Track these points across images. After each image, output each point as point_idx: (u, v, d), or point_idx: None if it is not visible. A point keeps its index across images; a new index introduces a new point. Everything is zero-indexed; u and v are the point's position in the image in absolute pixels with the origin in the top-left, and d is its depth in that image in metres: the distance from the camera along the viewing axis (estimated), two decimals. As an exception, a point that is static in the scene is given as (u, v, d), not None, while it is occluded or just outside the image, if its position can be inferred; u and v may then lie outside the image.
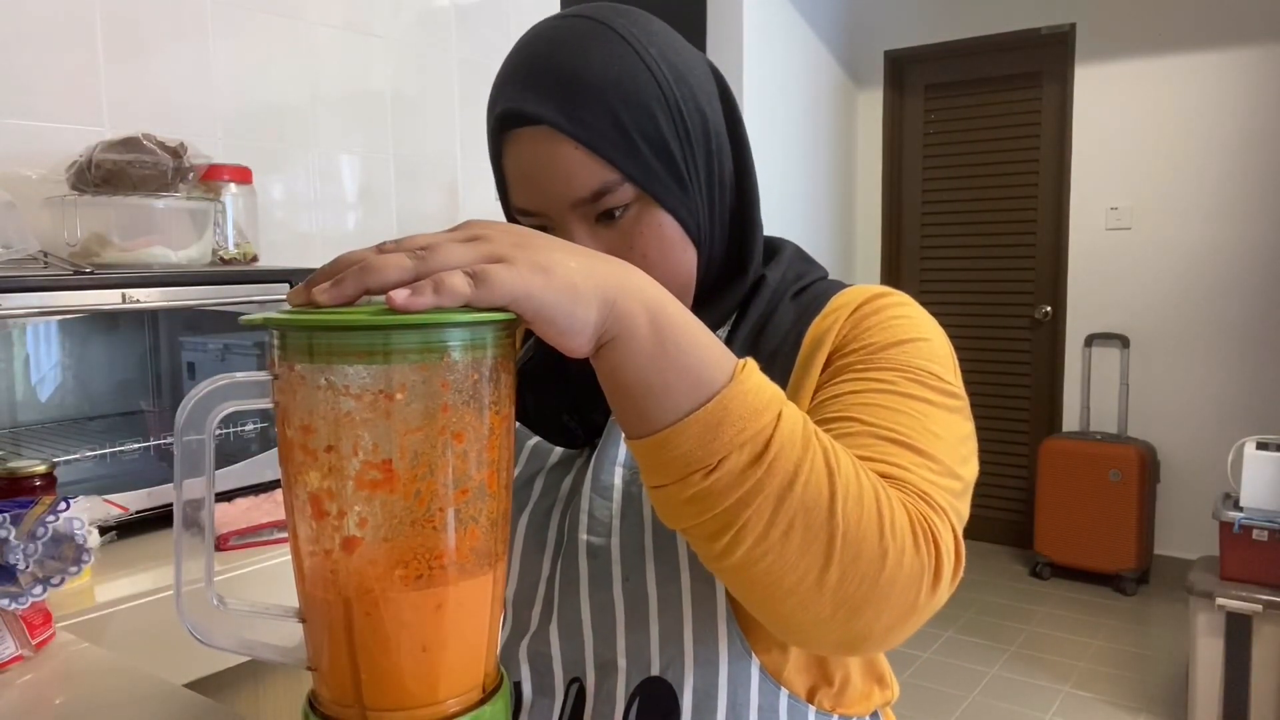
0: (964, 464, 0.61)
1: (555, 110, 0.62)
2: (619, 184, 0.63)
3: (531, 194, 0.65)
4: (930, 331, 0.68)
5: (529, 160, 0.64)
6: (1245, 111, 3.52)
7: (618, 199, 0.64)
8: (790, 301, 0.72)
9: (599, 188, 0.63)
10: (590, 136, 0.62)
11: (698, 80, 0.67)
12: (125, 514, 1.23)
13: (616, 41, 0.64)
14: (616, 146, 0.63)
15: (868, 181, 4.37)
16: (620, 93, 0.62)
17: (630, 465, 0.69)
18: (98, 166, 1.34)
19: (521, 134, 0.64)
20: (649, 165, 0.64)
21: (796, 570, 0.49)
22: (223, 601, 0.48)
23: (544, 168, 0.63)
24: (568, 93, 0.62)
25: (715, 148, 0.68)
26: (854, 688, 0.71)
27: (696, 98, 0.66)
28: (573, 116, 0.62)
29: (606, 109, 0.62)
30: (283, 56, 1.83)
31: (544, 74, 0.63)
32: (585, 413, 0.72)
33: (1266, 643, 2.39)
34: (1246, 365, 3.59)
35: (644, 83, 0.63)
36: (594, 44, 0.64)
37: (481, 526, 0.46)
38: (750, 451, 0.48)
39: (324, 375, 0.43)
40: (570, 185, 0.63)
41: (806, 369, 0.67)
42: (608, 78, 0.62)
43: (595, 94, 0.62)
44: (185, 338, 1.51)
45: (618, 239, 0.65)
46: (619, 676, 0.68)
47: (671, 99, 0.64)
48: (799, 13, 3.78)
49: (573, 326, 0.46)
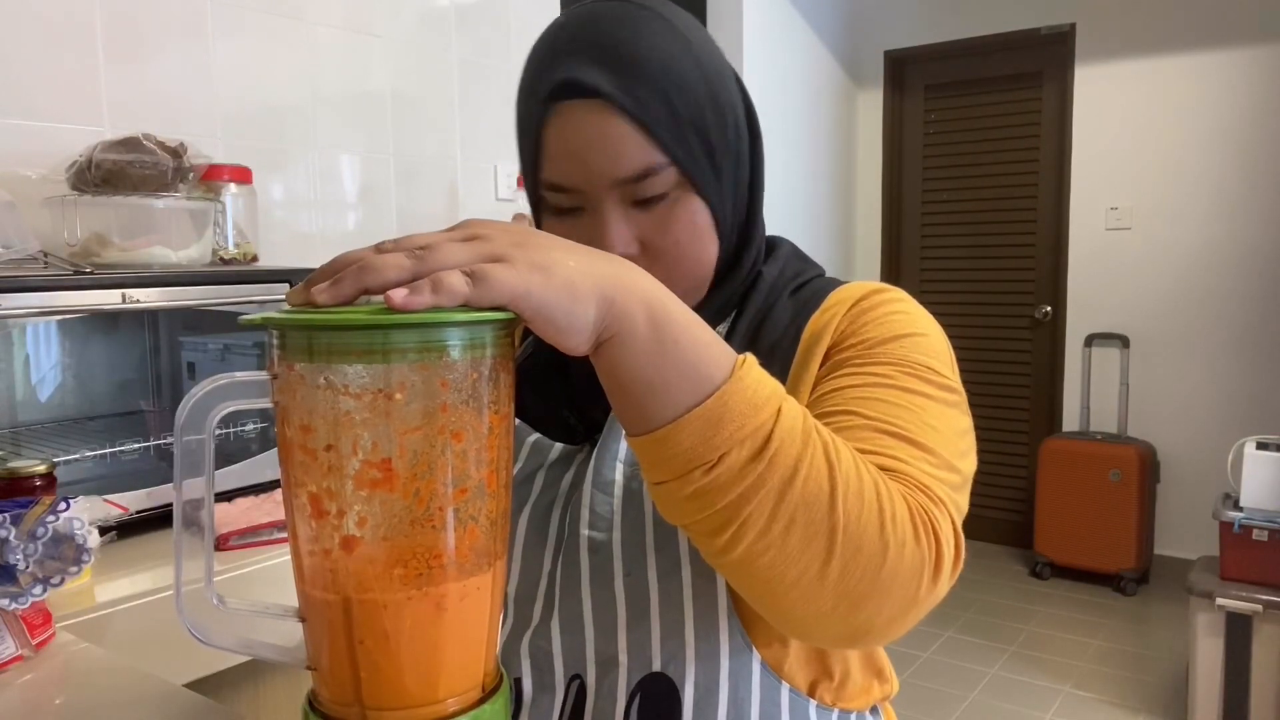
0: (962, 457, 0.61)
1: (613, 85, 0.62)
2: (664, 167, 0.64)
3: (573, 169, 0.64)
4: (927, 327, 0.68)
5: (577, 133, 0.63)
6: (1245, 111, 3.52)
7: (660, 183, 0.64)
8: (788, 298, 0.72)
9: (645, 169, 0.63)
10: (645, 115, 0.62)
11: (731, 78, 0.68)
12: (125, 514, 1.23)
13: (669, 28, 0.65)
14: (668, 129, 0.63)
15: (868, 181, 4.37)
16: (674, 77, 0.63)
17: (631, 461, 0.70)
18: (98, 166, 1.34)
19: (573, 106, 0.63)
20: (694, 152, 0.64)
21: (798, 564, 0.49)
22: (222, 601, 0.48)
23: (593, 142, 0.63)
24: (626, 70, 0.62)
25: (741, 147, 0.69)
26: (854, 682, 0.71)
27: (731, 95, 0.67)
28: (630, 93, 0.62)
29: (661, 91, 0.63)
30: (283, 56, 1.83)
31: (603, 49, 0.63)
32: (585, 409, 0.72)
33: (1266, 643, 2.39)
34: (1246, 365, 3.59)
35: (692, 72, 0.64)
36: (648, 27, 0.64)
37: (481, 526, 0.46)
38: (751, 447, 0.48)
39: (323, 375, 0.43)
40: (617, 163, 0.63)
41: (805, 364, 0.67)
42: (663, 61, 0.63)
43: (651, 75, 0.62)
44: (185, 338, 1.51)
45: (652, 224, 0.66)
46: (620, 672, 0.68)
47: (713, 92, 0.65)
48: (799, 12, 3.78)
49: (571, 325, 0.46)
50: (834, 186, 4.19)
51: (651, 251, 0.66)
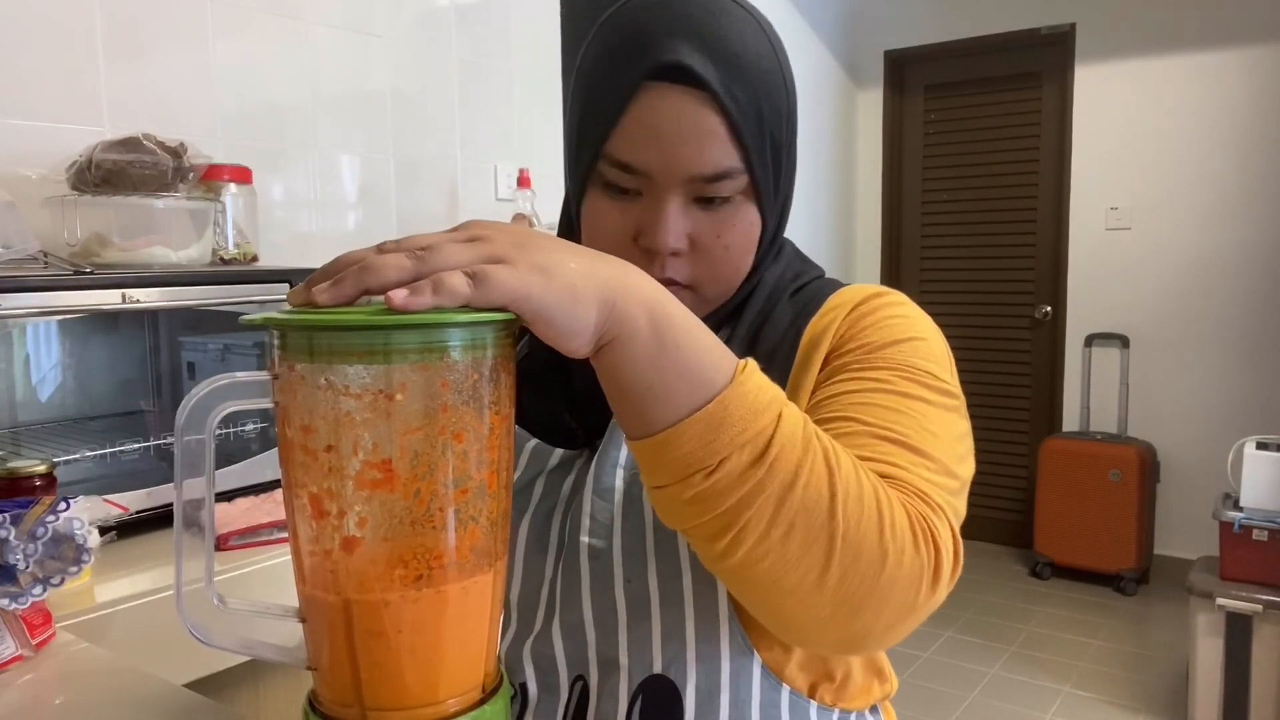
0: (960, 462, 0.61)
1: (718, 80, 0.61)
2: (739, 172, 0.64)
3: (653, 152, 0.63)
4: (927, 331, 0.68)
5: (670, 118, 0.62)
6: (1245, 111, 3.52)
7: (730, 187, 0.64)
8: (788, 300, 0.72)
9: (724, 170, 0.63)
10: (740, 117, 0.62)
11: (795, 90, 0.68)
12: (125, 514, 1.23)
13: (763, 34, 0.65)
14: (754, 136, 0.63)
15: (868, 181, 4.37)
16: (767, 85, 0.63)
17: (631, 467, 0.69)
18: (98, 166, 1.34)
19: (672, 89, 0.62)
20: (767, 163, 0.65)
21: (797, 570, 0.49)
22: (223, 601, 0.48)
23: (683, 131, 0.62)
24: (731, 67, 0.62)
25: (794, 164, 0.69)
26: (854, 682, 0.71)
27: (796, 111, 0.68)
28: (731, 92, 0.62)
29: (755, 97, 0.63)
30: (283, 56, 1.83)
31: (712, 41, 0.62)
32: (585, 413, 0.72)
33: (1266, 643, 2.39)
34: (1246, 365, 3.59)
35: (780, 83, 0.65)
36: (748, 29, 0.64)
37: (481, 526, 0.46)
38: (751, 452, 0.48)
39: (324, 375, 0.43)
40: (700, 157, 0.62)
41: (804, 368, 0.67)
42: (761, 66, 0.63)
43: (751, 77, 0.62)
44: (185, 338, 1.51)
45: (708, 225, 0.65)
46: (621, 674, 0.68)
47: (790, 107, 0.66)
48: (799, 12, 3.78)
49: (572, 327, 0.46)
50: (834, 186, 4.18)
51: (698, 250, 0.66)
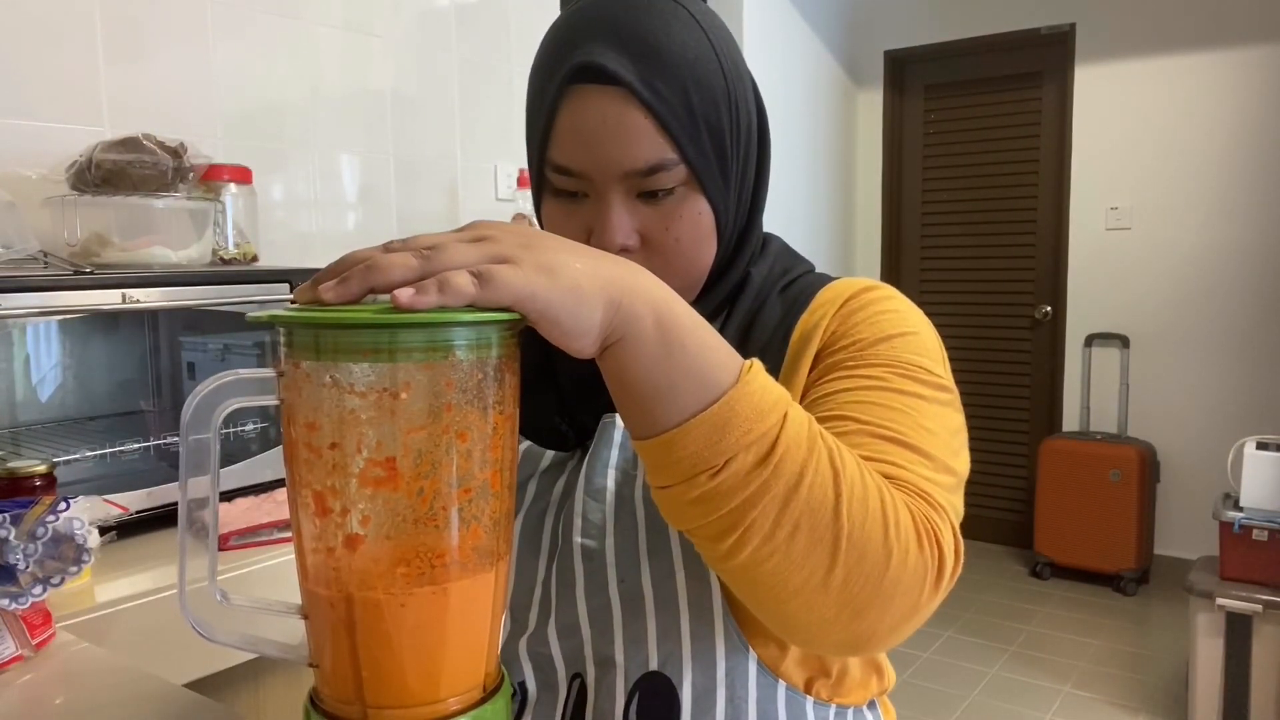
0: (956, 457, 0.61)
1: (634, 74, 0.61)
2: (675, 164, 0.63)
3: (584, 154, 0.63)
4: (918, 324, 0.68)
5: (594, 119, 0.62)
6: (1245, 111, 3.52)
7: (668, 179, 0.63)
8: (778, 297, 0.72)
9: (656, 163, 0.63)
10: (663, 109, 0.62)
11: (749, 81, 0.68)
12: (125, 514, 1.23)
13: (693, 24, 0.64)
14: (683, 126, 0.63)
15: (868, 181, 4.37)
16: (695, 74, 0.63)
17: (622, 468, 0.69)
18: (98, 166, 1.34)
19: (591, 90, 0.62)
20: (706, 151, 0.64)
21: (802, 571, 0.49)
22: (226, 597, 0.48)
23: (608, 129, 0.62)
24: (650, 61, 0.62)
25: (750, 151, 0.69)
26: (851, 678, 0.71)
27: (748, 95, 0.67)
28: (651, 85, 0.61)
29: (681, 87, 0.62)
30: (283, 56, 1.83)
31: (629, 38, 0.62)
32: (575, 415, 0.72)
33: (1266, 643, 2.39)
34: (1246, 365, 3.59)
35: (713, 70, 0.64)
36: (674, 21, 0.63)
37: (484, 525, 0.46)
38: (756, 452, 0.48)
39: (329, 373, 0.43)
40: (628, 154, 0.62)
41: (795, 365, 0.67)
42: (686, 57, 0.63)
43: (674, 69, 0.62)
44: (185, 338, 1.51)
45: (655, 219, 0.65)
46: (618, 673, 0.68)
47: (732, 92, 0.65)
48: (799, 12, 3.78)
49: (578, 327, 0.46)
50: (834, 186, 4.19)
51: (650, 246, 0.66)
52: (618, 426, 0.70)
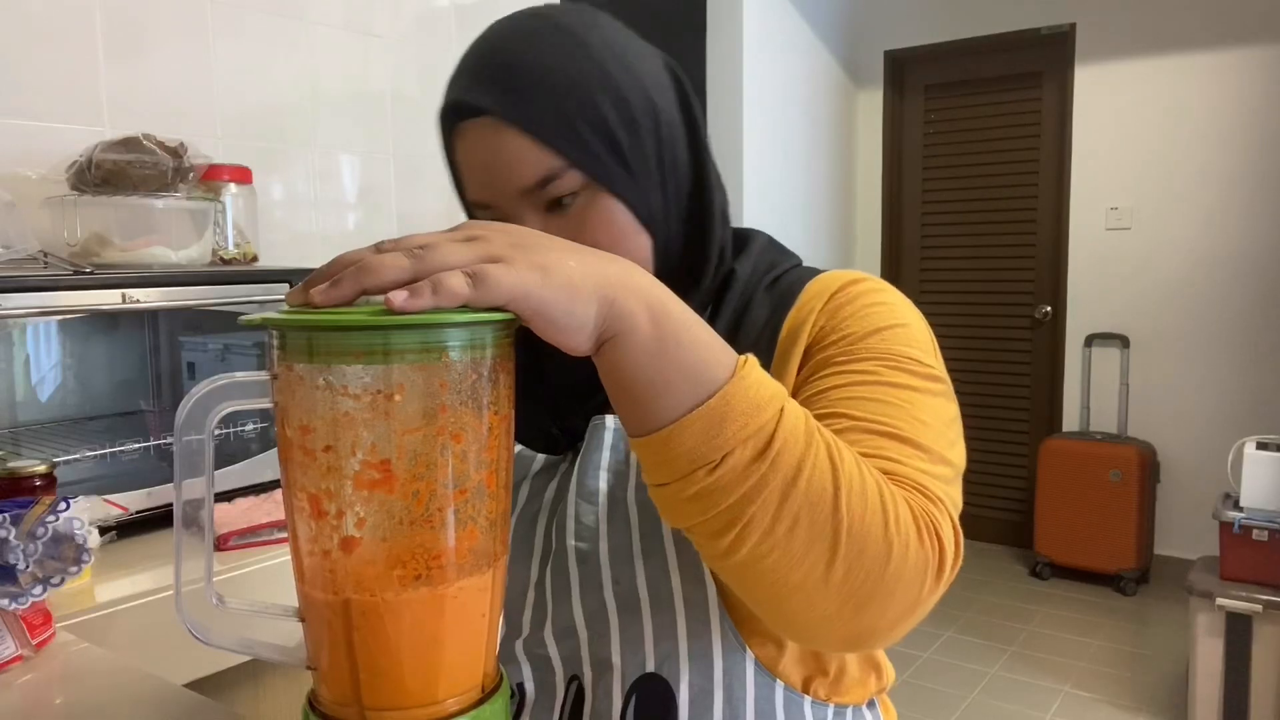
0: (952, 448, 0.61)
1: (496, 100, 0.62)
2: (564, 170, 0.63)
3: (482, 186, 0.65)
4: (907, 315, 0.67)
5: (477, 152, 0.64)
6: (1245, 111, 3.52)
7: (565, 185, 0.63)
8: (765, 293, 0.71)
9: (545, 175, 0.63)
10: (531, 123, 0.62)
11: (645, 70, 0.67)
12: (125, 514, 1.23)
13: (558, 33, 0.64)
14: (558, 133, 0.63)
15: (868, 181, 4.37)
16: (562, 80, 0.63)
17: (614, 469, 0.69)
18: (98, 166, 1.34)
19: (468, 127, 0.64)
20: (594, 151, 0.64)
21: (802, 566, 0.49)
22: (222, 601, 0.48)
23: (491, 158, 0.63)
24: (509, 83, 0.63)
25: (666, 135, 0.67)
26: (850, 676, 0.71)
27: (644, 85, 0.66)
28: (513, 105, 0.62)
29: (547, 96, 0.62)
30: (283, 56, 1.83)
31: (487, 67, 0.64)
32: (565, 418, 0.72)
33: (1266, 643, 2.39)
34: (1246, 365, 3.59)
35: (586, 71, 0.64)
36: (536, 37, 0.64)
37: (480, 526, 0.46)
38: (754, 447, 0.47)
39: (323, 375, 0.43)
40: (516, 174, 0.63)
41: (784, 362, 0.67)
42: (548, 66, 0.63)
43: (535, 82, 0.62)
44: (185, 338, 1.51)
45: (570, 226, 0.65)
46: (615, 675, 0.68)
47: (615, 86, 0.64)
48: (799, 13, 3.78)
49: (572, 325, 0.46)
50: (834, 186, 4.18)
51: None
52: (608, 428, 0.70)
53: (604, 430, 0.70)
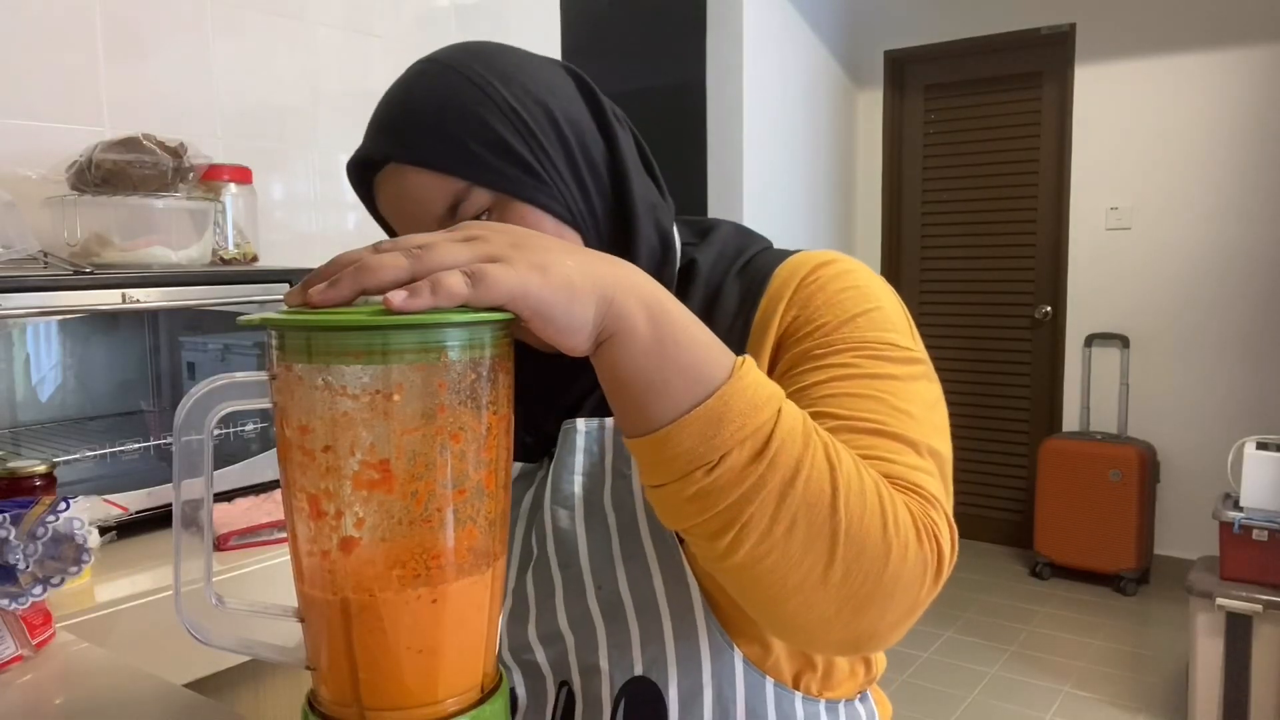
0: (939, 434, 0.60)
1: (394, 147, 0.64)
2: (468, 190, 0.63)
3: (405, 228, 0.67)
4: (880, 296, 0.67)
5: (391, 198, 0.66)
6: (1245, 111, 3.52)
7: (475, 204, 0.64)
8: (734, 279, 0.71)
9: (452, 200, 0.64)
10: (423, 156, 0.63)
11: (533, 77, 0.67)
12: (125, 514, 1.23)
13: (444, 70, 0.66)
14: (451, 157, 0.63)
15: (868, 181, 4.37)
16: (450, 110, 0.64)
17: (588, 473, 0.69)
18: (98, 166, 1.34)
19: (378, 179, 0.66)
20: (493, 165, 0.64)
21: (800, 567, 0.49)
22: (221, 601, 0.48)
23: (402, 201, 0.65)
24: (396, 126, 0.65)
25: (571, 135, 0.67)
26: (840, 669, 0.71)
27: (532, 92, 0.66)
28: (409, 146, 0.64)
29: (431, 127, 0.64)
30: (283, 56, 1.83)
31: (384, 119, 0.66)
32: (538, 424, 0.71)
33: (1266, 643, 2.39)
34: (1246, 365, 3.59)
35: (470, 96, 0.64)
36: (423, 78, 0.66)
37: (479, 526, 0.46)
38: (752, 447, 0.47)
39: (321, 375, 0.43)
40: (427, 207, 0.64)
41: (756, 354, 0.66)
42: (435, 103, 0.64)
43: (419, 117, 0.64)
44: (185, 338, 1.51)
45: None
46: (603, 679, 0.68)
47: (500, 99, 0.64)
48: (799, 13, 3.78)
49: (570, 324, 0.46)
50: (834, 186, 4.18)
51: None
52: (579, 431, 0.69)
53: (575, 434, 0.69)
